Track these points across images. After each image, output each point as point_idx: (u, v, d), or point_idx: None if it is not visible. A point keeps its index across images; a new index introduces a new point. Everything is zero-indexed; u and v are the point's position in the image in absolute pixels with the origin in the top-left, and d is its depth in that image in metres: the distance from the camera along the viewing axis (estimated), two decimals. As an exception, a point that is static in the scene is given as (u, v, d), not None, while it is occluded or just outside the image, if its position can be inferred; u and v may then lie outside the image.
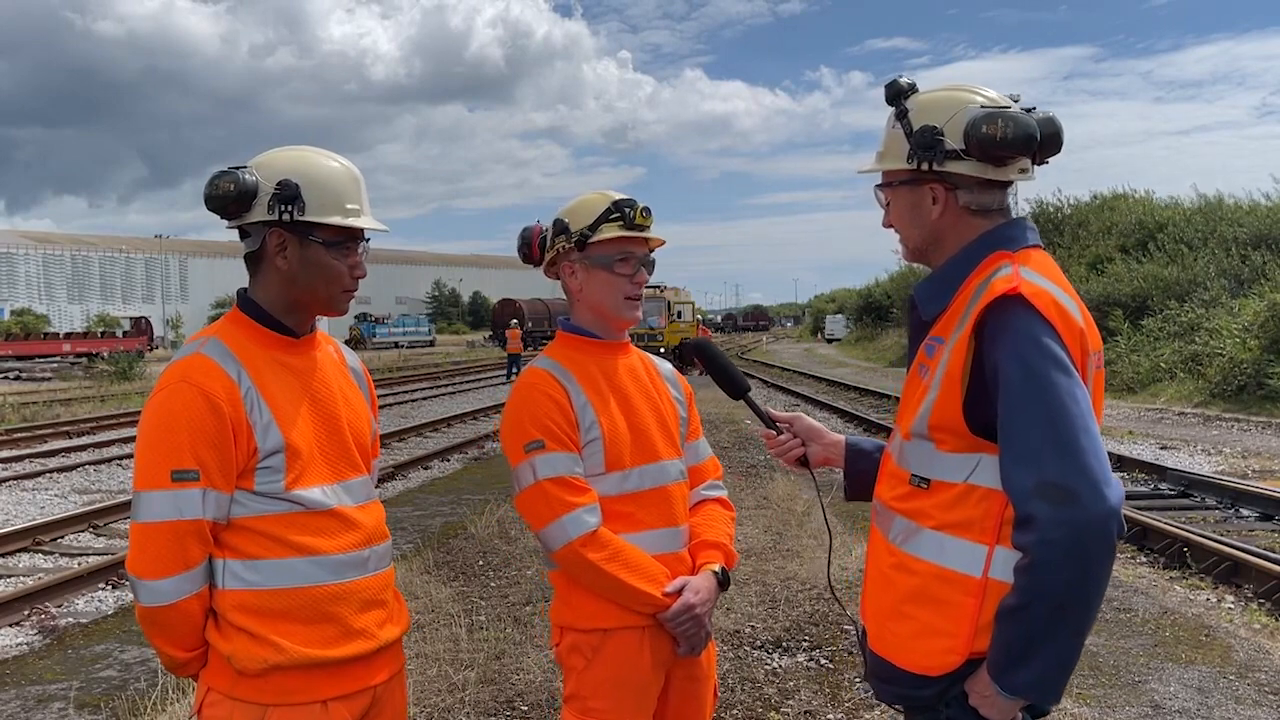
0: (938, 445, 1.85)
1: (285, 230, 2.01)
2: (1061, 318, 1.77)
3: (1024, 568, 1.69)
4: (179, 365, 1.97)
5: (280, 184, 1.99)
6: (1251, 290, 22.98)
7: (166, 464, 1.89)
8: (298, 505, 1.98)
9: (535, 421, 2.30)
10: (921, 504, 1.87)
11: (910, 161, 1.91)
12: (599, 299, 2.41)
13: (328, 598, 2.00)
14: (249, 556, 1.96)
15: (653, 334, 33.87)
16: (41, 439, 16.92)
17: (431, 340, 76.69)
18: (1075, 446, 1.67)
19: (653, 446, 2.42)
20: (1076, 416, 1.70)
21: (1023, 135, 1.81)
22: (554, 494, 2.27)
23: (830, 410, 21.01)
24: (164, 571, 1.89)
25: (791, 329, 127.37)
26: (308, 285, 2.04)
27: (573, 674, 2.34)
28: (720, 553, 2.46)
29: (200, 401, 1.90)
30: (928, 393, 1.87)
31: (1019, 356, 1.73)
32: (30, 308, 77.23)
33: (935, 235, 1.96)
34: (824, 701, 4.63)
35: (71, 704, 5.01)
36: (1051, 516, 1.65)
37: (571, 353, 2.42)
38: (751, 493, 9.88)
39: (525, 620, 5.90)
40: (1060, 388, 1.70)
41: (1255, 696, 4.74)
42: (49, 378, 37.35)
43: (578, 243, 2.38)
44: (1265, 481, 11.02)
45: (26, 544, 8.88)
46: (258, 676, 1.94)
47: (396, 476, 12.77)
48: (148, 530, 1.90)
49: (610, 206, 2.39)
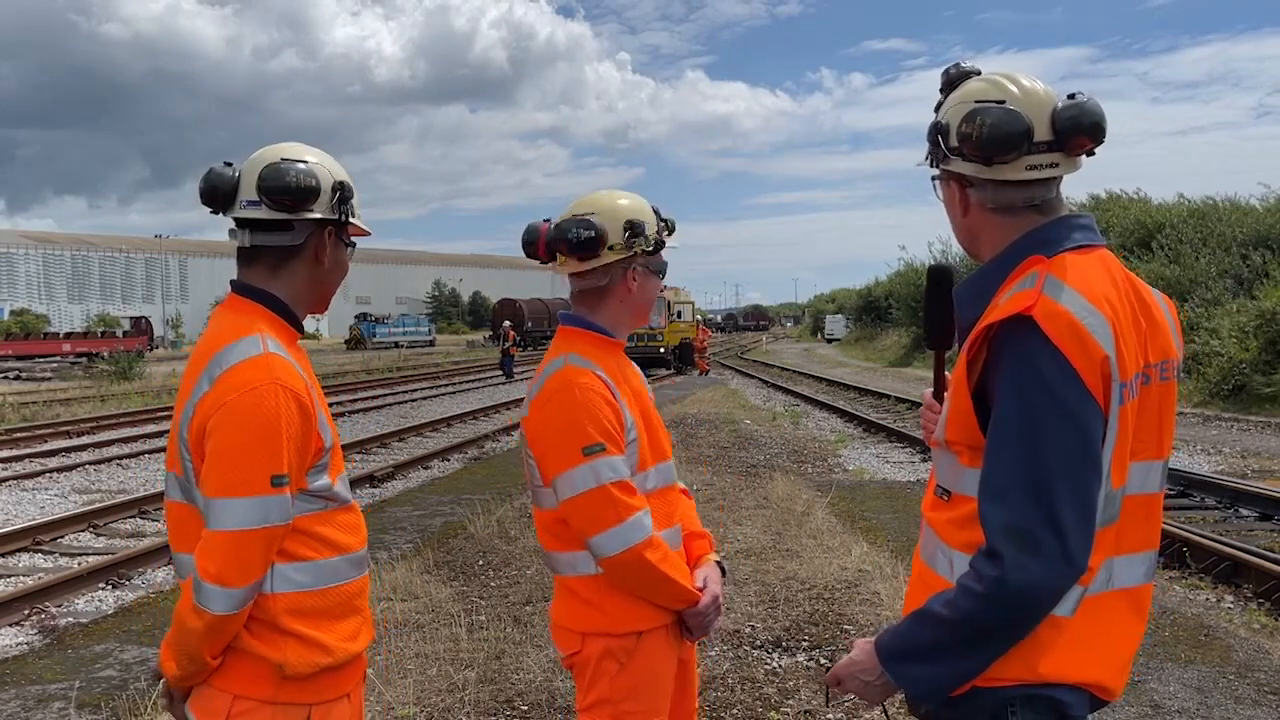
0: (958, 458, 1.79)
1: (333, 230, 2.08)
2: (1079, 343, 1.63)
3: (973, 593, 1.66)
4: (258, 364, 1.91)
5: (339, 184, 2.06)
6: (1251, 290, 23.00)
7: (268, 469, 1.87)
8: (331, 502, 2.01)
9: (595, 424, 2.27)
10: (941, 516, 1.84)
11: (926, 158, 1.89)
12: (647, 303, 2.49)
13: (355, 593, 2.05)
14: (298, 559, 1.96)
15: (653, 334, 33.87)
16: (41, 439, 16.92)
17: (431, 340, 76.66)
18: (1050, 495, 1.61)
19: (662, 445, 2.48)
20: (1060, 462, 1.62)
21: (1000, 133, 1.72)
22: (619, 499, 2.27)
23: (830, 410, 21.02)
24: (250, 578, 1.89)
25: (791, 329, 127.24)
26: (329, 283, 2.13)
27: (603, 679, 2.33)
28: (708, 542, 2.57)
29: (294, 405, 1.91)
30: (947, 401, 1.83)
31: (1016, 388, 1.65)
32: (30, 308, 77.21)
33: (971, 233, 1.90)
34: (824, 701, 4.63)
35: (72, 704, 5.01)
36: (1015, 561, 1.61)
37: (599, 352, 2.41)
38: (751, 493, 9.88)
39: (525, 620, 5.90)
40: (1049, 430, 1.62)
41: (1255, 696, 4.75)
42: (49, 378, 37.33)
43: (656, 246, 2.44)
44: (1264, 481, 11.03)
45: (26, 544, 8.87)
46: (305, 679, 1.95)
47: (396, 476, 12.78)
48: (243, 538, 1.86)
49: (657, 214, 2.48)
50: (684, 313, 37.11)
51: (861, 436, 16.76)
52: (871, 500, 9.71)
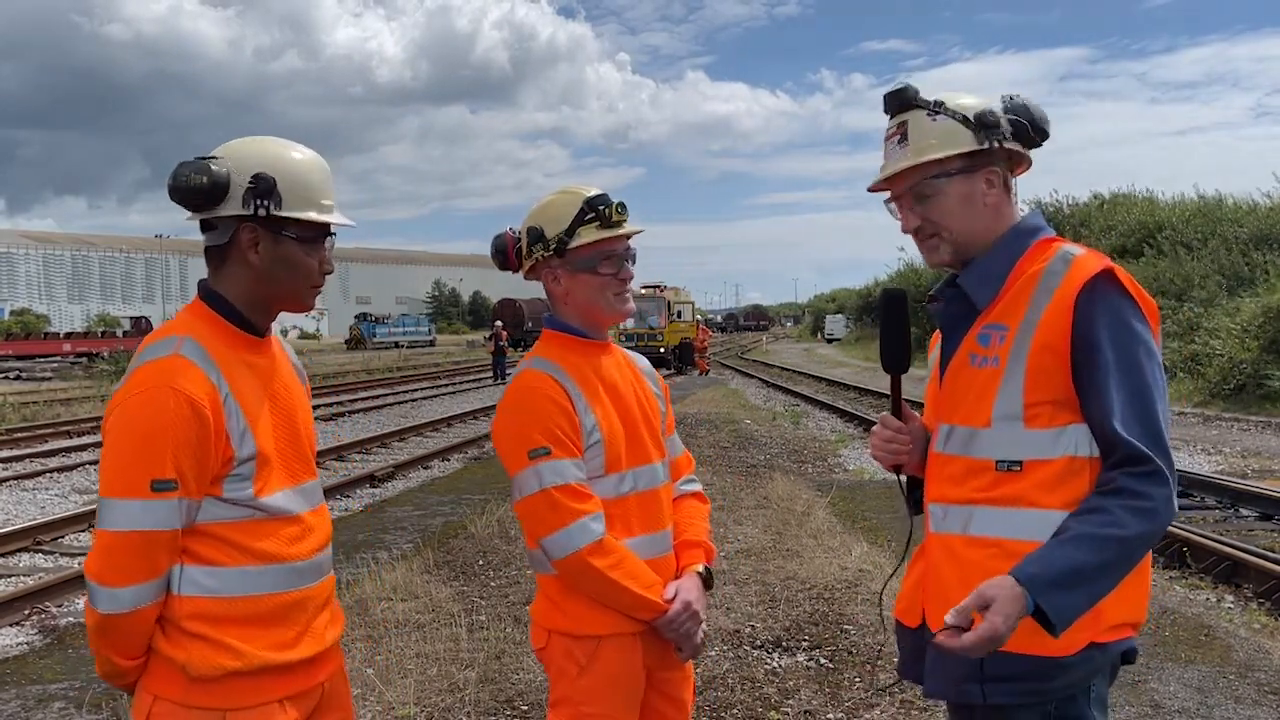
0: (1028, 424, 1.85)
1: (259, 225, 1.95)
2: (1143, 298, 1.87)
3: (1144, 510, 1.75)
4: (158, 367, 1.88)
5: (255, 177, 1.92)
6: (1251, 290, 23.00)
7: (148, 471, 1.82)
8: (262, 512, 1.93)
9: (540, 426, 2.24)
10: (1016, 487, 1.86)
11: (980, 140, 1.94)
12: (587, 301, 2.36)
13: (288, 604, 1.97)
14: (210, 563, 1.90)
15: (653, 333, 33.88)
16: (41, 439, 16.92)
17: (432, 340, 76.69)
18: (1157, 424, 1.81)
19: (644, 448, 2.39)
20: (1158, 395, 1.83)
21: (1043, 119, 1.99)
22: (561, 502, 2.22)
23: (830, 410, 21.02)
24: (130, 580, 1.84)
25: (791, 329, 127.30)
26: (279, 282, 1.99)
27: (564, 679, 2.31)
28: (702, 551, 2.46)
29: (186, 408, 1.83)
30: (1001, 378, 1.87)
31: (1113, 334, 1.82)
32: (30, 308, 77.26)
33: (985, 224, 1.97)
34: (824, 701, 4.63)
35: (72, 704, 5.01)
36: (1167, 476, 1.79)
37: (564, 352, 2.36)
38: (751, 493, 9.88)
39: (525, 620, 5.90)
40: (1147, 369, 1.82)
41: (1255, 696, 4.75)
42: (49, 378, 37.33)
43: (556, 250, 2.31)
44: (1265, 481, 11.02)
45: (26, 544, 8.87)
46: (213, 682, 1.89)
47: (396, 476, 12.78)
48: (119, 539, 1.83)
49: (584, 206, 2.31)
50: (684, 313, 37.14)
51: (862, 436, 16.75)
52: (872, 500, 9.71)
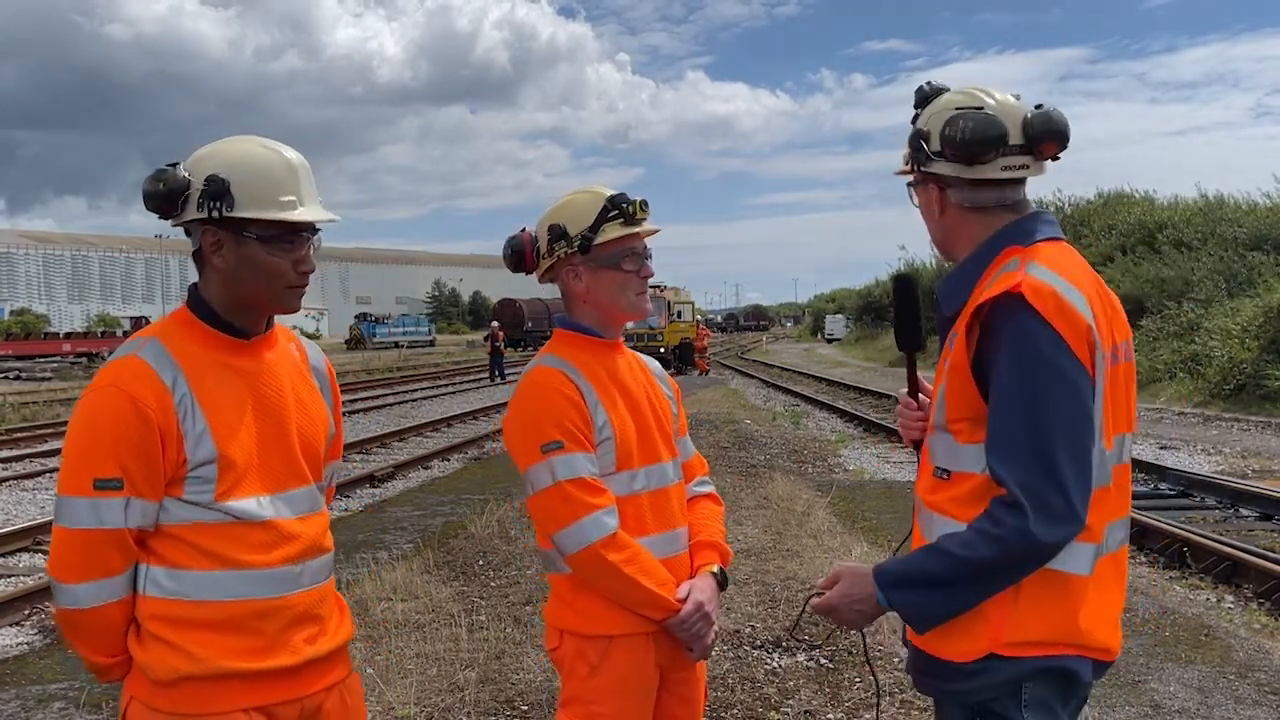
0: (956, 437, 1.91)
1: (218, 228, 1.92)
2: (1063, 316, 1.80)
3: (991, 538, 1.79)
4: (112, 368, 1.89)
5: (208, 179, 1.89)
6: (1250, 290, 23.01)
7: (90, 470, 1.83)
8: (228, 516, 1.90)
9: (553, 421, 2.26)
10: (943, 495, 1.94)
11: (907, 163, 2.07)
12: (609, 298, 2.38)
13: (253, 613, 1.92)
14: (173, 565, 1.90)
15: (653, 333, 33.86)
16: (41, 439, 16.91)
17: (432, 340, 76.75)
18: (1053, 457, 1.76)
19: (655, 447, 2.41)
20: (1060, 426, 1.77)
21: (981, 136, 1.90)
22: (575, 496, 2.23)
23: (830, 410, 21.03)
24: (81, 577, 1.85)
25: (791, 329, 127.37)
26: (248, 284, 1.95)
27: (574, 678, 2.32)
28: (717, 553, 2.46)
29: (127, 408, 1.83)
30: (936, 389, 1.97)
31: (1013, 358, 1.80)
32: (30, 308, 77.30)
33: (946, 232, 2.06)
34: (824, 701, 4.63)
35: (72, 704, 5.01)
36: (1031, 513, 1.75)
37: (576, 351, 2.38)
38: (751, 493, 9.88)
39: (525, 620, 5.90)
40: (1047, 396, 1.77)
41: (1255, 696, 4.75)
42: (49, 378, 37.37)
43: (581, 246, 2.33)
44: (1265, 481, 11.03)
45: (26, 544, 8.87)
46: (170, 686, 1.87)
47: (396, 476, 12.78)
48: (67, 536, 1.85)
49: (607, 204, 2.34)
50: (684, 313, 37.12)
51: (861, 436, 16.76)
52: (872, 500, 9.71)
